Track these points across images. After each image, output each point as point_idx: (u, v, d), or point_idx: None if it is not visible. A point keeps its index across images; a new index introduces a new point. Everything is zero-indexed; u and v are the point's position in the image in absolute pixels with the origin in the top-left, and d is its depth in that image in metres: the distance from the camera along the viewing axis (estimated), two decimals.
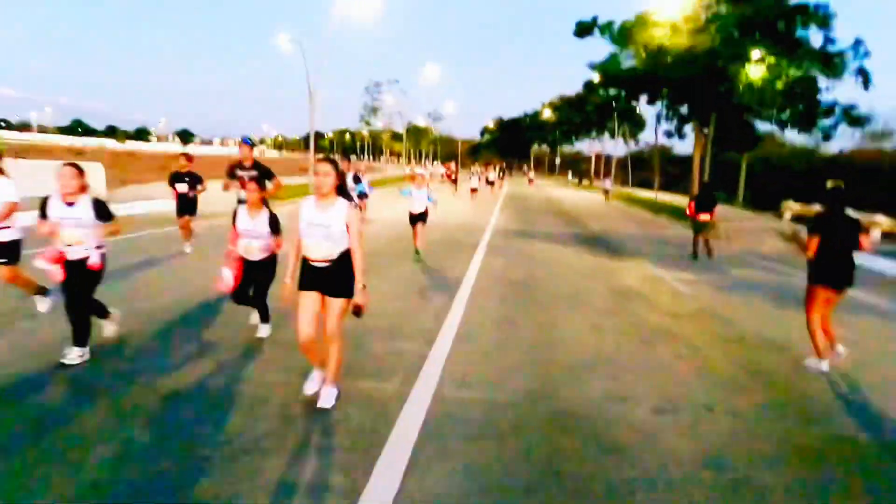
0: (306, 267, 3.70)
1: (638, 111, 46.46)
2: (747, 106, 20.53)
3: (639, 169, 59.37)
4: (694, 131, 22.90)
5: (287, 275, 3.78)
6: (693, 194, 12.56)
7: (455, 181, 31.94)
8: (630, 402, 4.21)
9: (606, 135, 57.92)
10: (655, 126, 58.37)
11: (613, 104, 40.94)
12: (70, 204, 4.18)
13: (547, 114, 68.29)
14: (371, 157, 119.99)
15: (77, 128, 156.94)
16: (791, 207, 23.74)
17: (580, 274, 9.49)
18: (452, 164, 35.29)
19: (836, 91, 19.36)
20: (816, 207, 21.66)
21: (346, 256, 3.64)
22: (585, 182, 66.24)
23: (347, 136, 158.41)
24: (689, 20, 19.41)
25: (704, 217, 12.07)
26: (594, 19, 22.13)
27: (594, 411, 4.00)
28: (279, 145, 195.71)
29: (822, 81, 19.26)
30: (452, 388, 4.26)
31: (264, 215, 4.90)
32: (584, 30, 22.35)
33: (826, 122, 19.85)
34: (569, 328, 6.08)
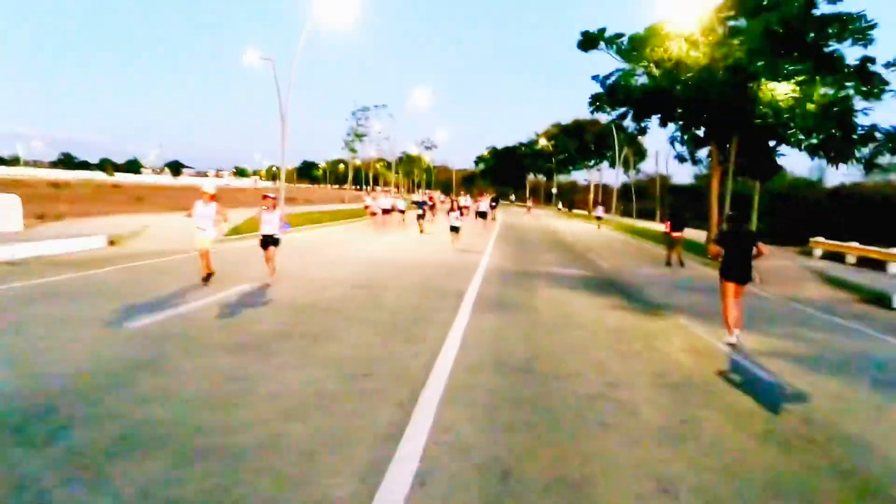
0: None
1: (639, 139, 44.35)
2: (772, 129, 18.11)
3: (638, 199, 57.35)
4: (710, 157, 20.38)
5: None
6: (667, 216, 16.25)
7: (422, 216, 23.23)
8: None
9: (605, 164, 56.12)
10: (656, 155, 56.80)
11: (614, 129, 38.71)
12: None
13: (543, 142, 66.54)
14: (363, 186, 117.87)
15: (68, 160, 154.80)
16: (820, 244, 21.16)
17: (605, 344, 6.70)
18: (438, 193, 31.93)
19: (878, 115, 16.75)
20: (852, 244, 19.19)
21: None
22: (575, 211, 64.28)
23: (341, 165, 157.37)
24: (706, 32, 17.13)
25: (677, 234, 15.76)
26: (601, 31, 19.88)
27: None
28: (273, 175, 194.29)
29: (860, 103, 16.88)
30: None
31: None
32: (589, 42, 20.05)
33: (865, 149, 17.38)
34: (613, 486, 3.26)
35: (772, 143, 19.55)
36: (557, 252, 18.37)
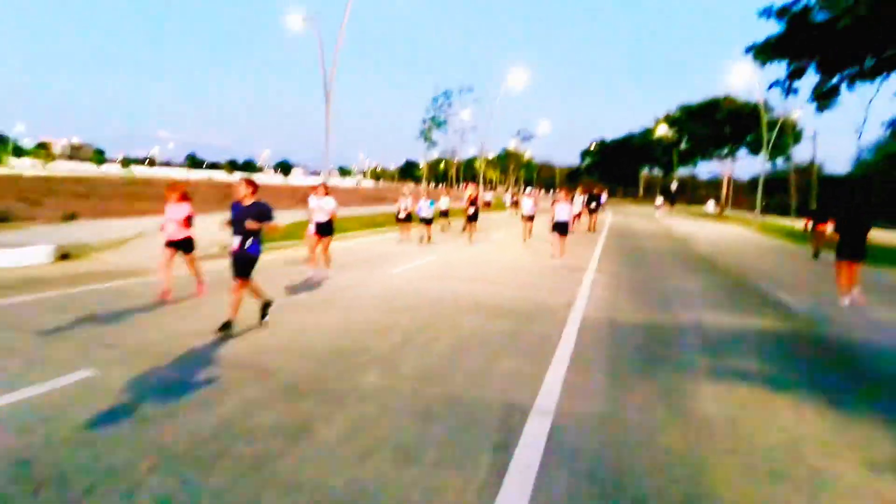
0: None
1: (791, 118, 35.06)
2: None
3: (783, 192, 46.78)
4: None
5: None
6: (815, 212, 15.89)
7: (424, 221, 15.26)
8: None
9: (743, 151, 46.47)
10: (814, 136, 45.94)
11: (761, 108, 30.19)
12: None
13: (662, 130, 57.48)
14: (455, 184, 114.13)
15: (193, 162, 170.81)
16: None
17: None
18: (530, 190, 24.57)
19: None
20: None
21: None
22: (679, 206, 55.00)
23: (442, 164, 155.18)
24: None
25: (821, 227, 15.01)
26: None
27: None
28: (377, 175, 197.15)
29: None
30: None
31: None
32: None
33: None
34: None
35: None
36: (696, 274, 12.13)
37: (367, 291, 8.40)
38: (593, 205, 23.50)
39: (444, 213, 19.35)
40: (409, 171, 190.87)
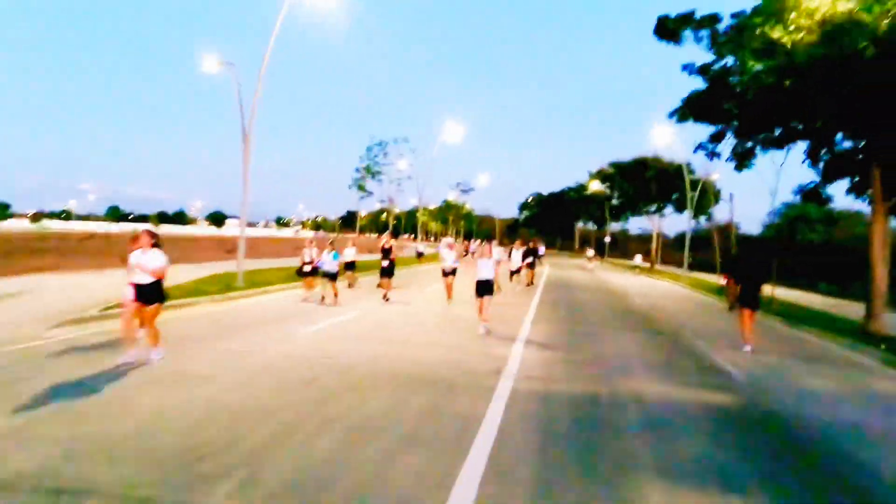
0: None
1: (711, 179, 37.10)
2: None
3: (700, 249, 48.92)
4: (873, 189, 13.28)
5: None
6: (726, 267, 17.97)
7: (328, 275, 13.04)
8: None
9: (669, 208, 48.76)
10: (731, 197, 49.03)
11: (684, 169, 31.61)
12: None
13: (595, 186, 59.70)
14: (397, 234, 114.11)
15: (115, 214, 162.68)
16: None
17: None
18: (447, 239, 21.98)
19: None
20: None
21: None
22: (609, 259, 57.32)
23: (384, 215, 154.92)
24: None
25: (732, 283, 15.41)
26: (688, 14, 13.51)
27: None
28: (318, 226, 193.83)
29: None
30: None
31: None
32: (668, 30, 13.90)
33: None
34: None
35: None
36: (633, 332, 11.60)
37: (261, 359, 7.13)
38: (531, 259, 22.81)
39: (350, 266, 16.93)
40: (350, 222, 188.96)
